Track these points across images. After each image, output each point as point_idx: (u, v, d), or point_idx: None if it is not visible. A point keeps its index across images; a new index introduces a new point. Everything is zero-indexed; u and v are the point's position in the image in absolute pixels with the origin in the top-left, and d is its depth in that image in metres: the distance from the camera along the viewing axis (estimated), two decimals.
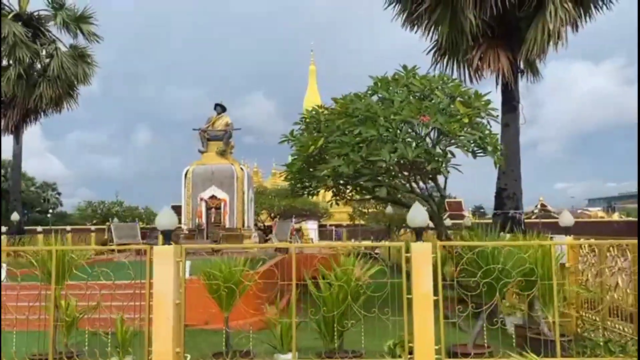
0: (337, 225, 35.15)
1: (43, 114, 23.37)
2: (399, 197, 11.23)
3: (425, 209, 11.45)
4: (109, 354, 5.85)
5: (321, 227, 33.67)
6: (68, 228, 23.66)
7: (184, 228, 17.45)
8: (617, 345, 5.85)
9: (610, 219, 44.03)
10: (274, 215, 31.38)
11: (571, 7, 11.93)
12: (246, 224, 18.02)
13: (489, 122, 10.00)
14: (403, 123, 8.94)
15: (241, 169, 18.33)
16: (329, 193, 13.71)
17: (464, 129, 9.01)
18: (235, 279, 5.79)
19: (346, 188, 11.26)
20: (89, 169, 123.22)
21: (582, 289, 6.96)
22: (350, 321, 5.75)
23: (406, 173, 9.82)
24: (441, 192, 10.59)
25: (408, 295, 5.43)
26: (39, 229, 23.74)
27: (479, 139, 9.08)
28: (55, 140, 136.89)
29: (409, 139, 8.95)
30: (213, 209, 17.67)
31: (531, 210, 36.42)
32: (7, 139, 22.96)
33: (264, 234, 21.49)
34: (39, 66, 23.20)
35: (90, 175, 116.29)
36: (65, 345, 5.90)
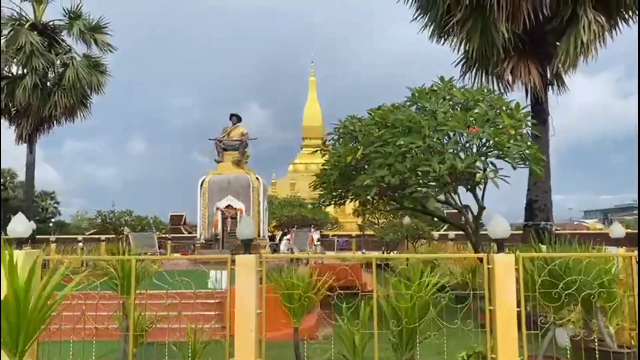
0: (339, 236, 35.02)
1: (56, 123, 23.30)
2: (432, 209, 11.21)
3: (462, 220, 11.64)
4: None
5: (323, 237, 33.58)
6: (80, 237, 23.52)
7: (200, 237, 17.43)
8: None
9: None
10: (276, 224, 31.29)
11: (604, 21, 12.01)
12: (261, 234, 17.98)
13: (528, 134, 10.07)
14: (452, 134, 8.96)
15: (257, 178, 18.28)
16: (350, 204, 13.74)
17: (511, 140, 9.03)
18: (309, 289, 5.75)
19: (388, 198, 11.21)
20: (85, 178, 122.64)
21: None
22: (429, 333, 5.70)
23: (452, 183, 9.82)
24: (479, 204, 10.57)
25: (490, 307, 5.41)
26: (52, 238, 23.55)
27: (525, 150, 9.11)
28: (51, 149, 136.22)
29: (457, 150, 8.98)
30: (229, 219, 17.64)
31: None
32: (17, 149, 22.85)
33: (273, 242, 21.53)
34: (52, 75, 23.23)
35: (87, 184, 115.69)
36: (134, 355, 5.82)
